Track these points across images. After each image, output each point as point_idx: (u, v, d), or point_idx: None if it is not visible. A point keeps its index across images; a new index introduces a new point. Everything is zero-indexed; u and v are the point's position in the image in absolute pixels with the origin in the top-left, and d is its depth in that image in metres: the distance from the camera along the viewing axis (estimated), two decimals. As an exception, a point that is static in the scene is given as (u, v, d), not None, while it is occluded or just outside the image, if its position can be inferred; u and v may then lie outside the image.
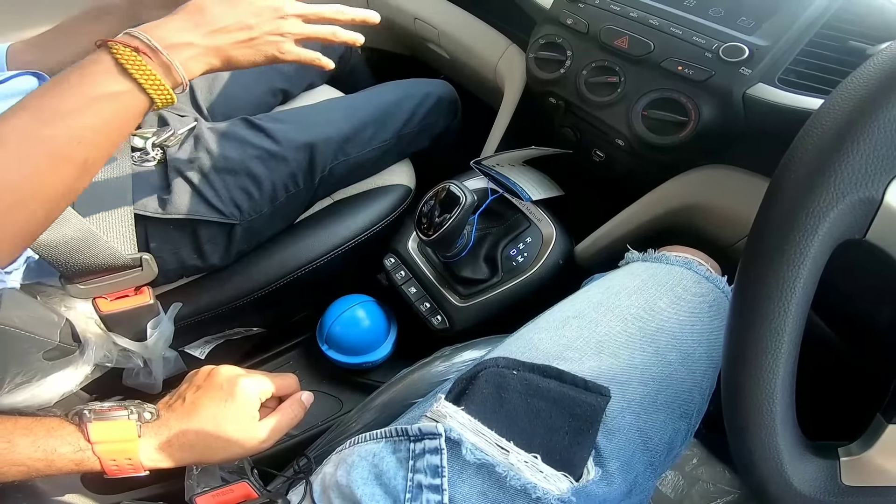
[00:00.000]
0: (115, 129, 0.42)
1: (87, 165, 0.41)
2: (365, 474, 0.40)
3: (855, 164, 0.27)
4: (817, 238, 0.28)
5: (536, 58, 0.69)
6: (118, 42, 0.41)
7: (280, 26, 0.48)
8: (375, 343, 0.74)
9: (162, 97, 0.43)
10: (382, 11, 1.08)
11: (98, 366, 0.59)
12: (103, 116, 0.40)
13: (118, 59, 0.40)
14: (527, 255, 0.66)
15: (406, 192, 0.79)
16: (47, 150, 0.38)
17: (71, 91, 0.40)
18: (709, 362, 0.47)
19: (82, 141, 0.40)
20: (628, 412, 0.42)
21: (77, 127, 0.39)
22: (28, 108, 0.39)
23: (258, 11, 0.47)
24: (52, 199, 0.40)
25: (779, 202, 0.29)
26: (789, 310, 0.29)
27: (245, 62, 0.48)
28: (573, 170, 0.76)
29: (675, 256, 0.53)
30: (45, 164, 0.38)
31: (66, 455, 0.41)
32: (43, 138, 0.38)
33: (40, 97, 0.40)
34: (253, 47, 0.47)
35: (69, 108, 0.39)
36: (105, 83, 0.40)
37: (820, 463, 0.32)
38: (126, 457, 0.42)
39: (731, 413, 0.32)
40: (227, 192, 0.63)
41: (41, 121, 0.38)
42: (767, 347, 0.29)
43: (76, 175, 0.41)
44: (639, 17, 0.61)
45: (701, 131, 0.56)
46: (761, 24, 0.54)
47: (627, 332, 0.45)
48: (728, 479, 0.66)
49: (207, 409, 0.45)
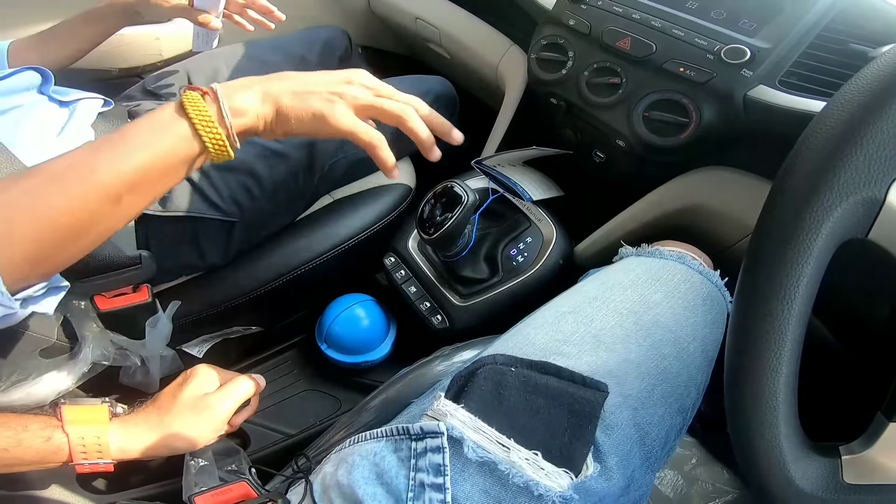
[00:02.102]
0: (163, 170, 0.40)
1: (130, 208, 0.40)
2: (366, 474, 0.39)
3: (859, 165, 0.28)
4: (821, 237, 0.28)
5: (538, 58, 0.69)
6: (195, 88, 0.41)
7: (343, 88, 0.43)
8: (374, 342, 0.73)
9: (214, 141, 0.40)
10: (384, 11, 1.09)
11: (95, 364, 0.58)
12: (156, 154, 0.39)
13: (182, 100, 0.40)
14: (527, 254, 0.66)
15: (406, 191, 0.79)
16: (98, 189, 0.37)
17: (134, 129, 0.40)
18: (703, 357, 0.47)
19: (131, 182, 0.39)
20: (625, 407, 0.42)
21: (129, 167, 0.38)
22: (91, 147, 0.39)
23: (329, 77, 0.44)
24: (91, 236, 0.39)
25: (783, 201, 0.29)
26: (793, 309, 0.29)
27: (292, 115, 0.42)
28: (573, 170, 0.76)
29: (669, 251, 0.53)
30: (95, 204, 0.37)
31: (35, 431, 0.42)
32: (97, 178, 0.37)
33: (108, 138, 0.39)
34: (305, 100, 0.42)
35: (126, 148, 0.39)
36: (164, 122, 0.40)
37: (822, 461, 0.32)
38: (95, 435, 0.43)
39: (734, 411, 0.32)
40: (228, 190, 0.63)
41: (96, 160, 0.38)
42: (771, 346, 0.29)
43: (120, 217, 0.40)
44: (641, 19, 0.61)
45: (702, 133, 0.56)
46: (763, 26, 0.55)
47: (623, 327, 0.45)
48: (727, 479, 0.66)
49: (175, 416, 0.48)
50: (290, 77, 0.43)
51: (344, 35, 0.98)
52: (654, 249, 0.55)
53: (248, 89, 0.42)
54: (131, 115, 0.70)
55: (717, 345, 0.49)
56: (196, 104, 0.40)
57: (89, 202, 0.37)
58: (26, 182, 0.36)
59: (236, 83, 0.42)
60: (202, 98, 0.40)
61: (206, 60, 0.82)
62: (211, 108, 0.40)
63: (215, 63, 0.81)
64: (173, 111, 0.40)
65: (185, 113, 0.40)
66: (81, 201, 0.37)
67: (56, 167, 0.37)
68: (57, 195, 0.36)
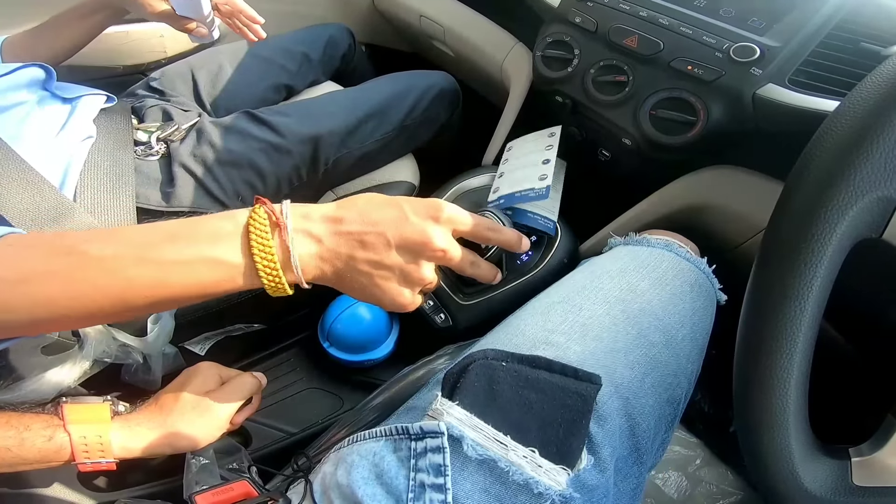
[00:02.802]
0: (200, 297, 0.36)
1: (138, 311, 0.36)
2: (366, 474, 0.39)
3: (874, 164, 0.27)
4: (835, 236, 0.28)
5: (543, 56, 0.68)
6: (266, 208, 0.36)
7: (416, 274, 0.39)
8: (377, 341, 0.73)
9: (273, 286, 0.37)
10: (388, 8, 1.09)
11: (97, 361, 0.58)
12: (201, 284, 0.35)
13: (250, 224, 0.35)
14: (531, 253, 0.66)
15: (410, 188, 0.78)
16: (118, 288, 0.34)
17: (183, 234, 0.35)
18: (692, 345, 0.47)
19: (152, 294, 0.35)
20: (616, 396, 0.41)
21: (166, 292, 0.35)
22: (129, 240, 0.35)
23: (407, 255, 0.38)
24: (93, 319, 0.37)
25: (797, 200, 0.29)
26: (806, 309, 0.28)
27: (353, 288, 0.39)
28: (579, 169, 0.76)
29: (656, 239, 0.54)
30: (108, 301, 0.34)
31: (37, 431, 0.41)
32: (127, 275, 0.34)
33: (153, 230, 0.35)
34: (372, 283, 0.38)
35: (168, 257, 0.34)
36: (219, 251, 0.35)
37: (831, 463, 0.32)
38: (97, 434, 0.43)
39: (742, 411, 0.31)
40: (232, 185, 0.63)
41: (133, 257, 0.34)
42: (783, 347, 0.29)
43: (129, 314, 0.36)
44: (648, 17, 0.60)
45: (709, 131, 0.56)
46: (773, 24, 0.54)
47: (611, 315, 0.45)
48: (731, 481, 0.66)
49: (178, 415, 0.47)
50: (368, 246, 0.37)
51: (347, 33, 0.98)
52: (641, 238, 0.55)
53: (318, 244, 0.37)
54: (135, 111, 0.70)
55: (706, 333, 0.49)
56: (263, 241, 0.35)
57: (109, 305, 0.34)
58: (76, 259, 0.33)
59: (308, 224, 0.37)
60: (270, 234, 0.35)
61: (210, 57, 0.82)
62: (274, 244, 0.35)
63: (219, 60, 0.82)
64: (234, 241, 0.35)
65: (250, 248, 0.35)
66: (106, 300, 0.34)
67: (99, 260, 0.34)
68: (90, 288, 0.33)
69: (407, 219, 0.38)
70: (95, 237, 0.35)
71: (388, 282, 0.39)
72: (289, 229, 0.36)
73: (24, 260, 0.33)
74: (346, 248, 0.37)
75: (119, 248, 0.34)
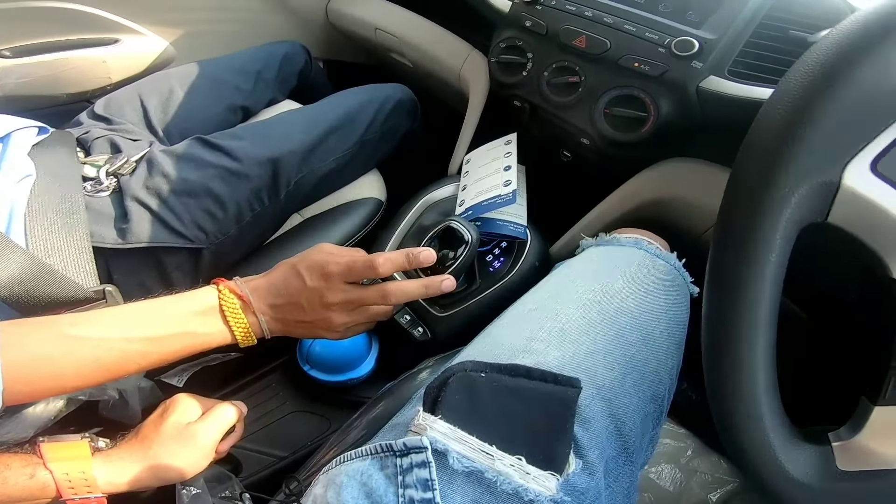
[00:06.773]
0: (181, 356, 0.48)
1: (126, 372, 0.47)
2: (355, 493, 0.39)
3: (809, 151, 0.28)
4: (781, 224, 0.29)
5: (498, 62, 0.69)
6: (227, 287, 0.49)
7: (333, 319, 0.51)
8: (357, 359, 0.72)
9: (245, 340, 0.50)
10: (342, 23, 1.08)
11: (71, 399, 0.56)
12: (183, 346, 0.47)
13: (221, 303, 0.48)
14: (503, 259, 0.66)
15: (377, 205, 0.78)
16: (109, 359, 0.45)
17: (166, 316, 0.47)
18: (670, 340, 0.48)
19: (142, 361, 0.46)
20: (598, 398, 0.42)
21: (153, 350, 0.46)
22: (117, 323, 0.46)
23: (310, 299, 0.50)
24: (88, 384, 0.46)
25: (740, 192, 0.30)
26: (761, 297, 0.29)
27: (297, 335, 0.54)
28: (543, 171, 0.77)
29: (626, 238, 0.54)
30: (99, 371, 0.45)
31: (17, 469, 0.41)
32: (121, 347, 0.45)
33: (135, 313, 0.47)
34: (310, 332, 0.53)
35: (155, 334, 0.46)
36: (201, 321, 0.48)
37: (813, 449, 0.32)
38: (80, 470, 0.43)
39: (716, 403, 0.32)
40: (189, 215, 0.61)
41: (122, 338, 0.45)
42: (743, 335, 0.30)
43: (119, 377, 0.47)
44: (594, 16, 0.62)
45: (661, 126, 0.57)
46: (707, 17, 0.56)
47: (587, 318, 0.46)
48: (725, 469, 0.66)
49: (159, 446, 0.48)
50: (296, 309, 0.50)
51: (303, 49, 0.97)
52: (611, 238, 0.55)
53: (271, 311, 0.50)
54: (80, 142, 0.67)
55: (682, 327, 0.50)
56: (237, 316, 0.49)
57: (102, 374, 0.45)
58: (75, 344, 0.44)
59: (259, 301, 0.50)
60: (240, 309, 0.49)
61: (160, 81, 0.80)
62: (246, 316, 0.49)
63: (170, 83, 0.79)
64: (212, 316, 0.48)
65: (226, 321, 0.48)
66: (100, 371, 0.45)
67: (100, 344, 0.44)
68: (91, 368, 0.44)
69: (305, 286, 0.50)
70: (80, 321, 0.45)
71: (318, 329, 0.52)
72: (254, 307, 0.49)
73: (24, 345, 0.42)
74: (283, 314, 0.51)
75: (104, 330, 0.45)
